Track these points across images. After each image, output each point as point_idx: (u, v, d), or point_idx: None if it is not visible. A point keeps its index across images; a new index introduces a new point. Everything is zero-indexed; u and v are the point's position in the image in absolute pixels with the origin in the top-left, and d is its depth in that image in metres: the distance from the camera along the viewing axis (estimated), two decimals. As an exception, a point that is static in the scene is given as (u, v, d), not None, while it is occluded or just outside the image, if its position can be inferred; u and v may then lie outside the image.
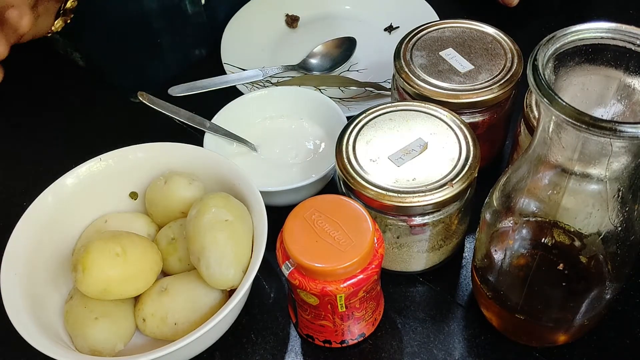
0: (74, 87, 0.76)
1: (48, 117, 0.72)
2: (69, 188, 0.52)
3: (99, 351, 0.46)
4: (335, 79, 0.71)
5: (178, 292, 0.48)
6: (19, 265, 0.48)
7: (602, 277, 0.43)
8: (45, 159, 0.67)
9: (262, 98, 0.64)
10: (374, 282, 0.45)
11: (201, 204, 0.49)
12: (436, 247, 0.51)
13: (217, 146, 0.60)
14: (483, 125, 0.55)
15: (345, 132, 0.51)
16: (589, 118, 0.32)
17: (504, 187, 0.43)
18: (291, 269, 0.43)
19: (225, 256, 0.46)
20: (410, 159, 0.48)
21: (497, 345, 0.50)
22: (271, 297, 0.54)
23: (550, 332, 0.47)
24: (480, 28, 0.59)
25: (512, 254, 0.45)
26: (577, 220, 0.41)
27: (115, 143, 0.55)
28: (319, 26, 0.80)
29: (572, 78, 0.38)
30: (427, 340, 0.50)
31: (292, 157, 0.61)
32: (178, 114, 0.61)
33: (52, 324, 0.48)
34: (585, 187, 0.37)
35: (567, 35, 0.36)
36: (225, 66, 0.72)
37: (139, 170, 0.55)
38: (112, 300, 0.48)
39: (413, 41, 0.58)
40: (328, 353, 0.50)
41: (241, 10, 0.79)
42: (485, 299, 0.48)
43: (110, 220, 0.54)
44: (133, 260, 0.46)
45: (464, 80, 0.54)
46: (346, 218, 0.43)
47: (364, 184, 0.47)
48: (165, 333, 0.48)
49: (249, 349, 0.51)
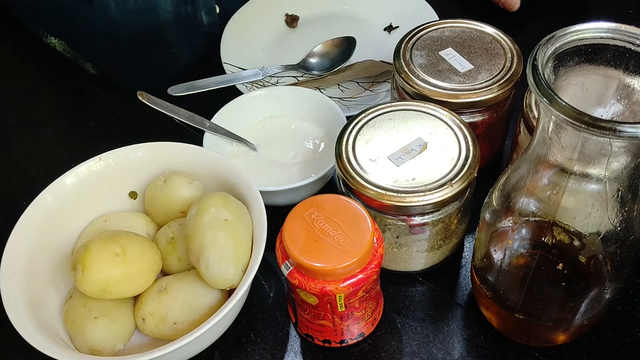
0: (74, 87, 0.76)
1: (48, 117, 0.72)
2: (69, 187, 0.52)
3: (99, 351, 0.46)
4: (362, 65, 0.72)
5: (177, 291, 0.48)
6: (19, 264, 0.48)
7: (602, 277, 0.43)
8: (45, 158, 0.67)
9: (262, 98, 0.64)
10: (373, 282, 0.45)
11: (201, 203, 0.48)
12: (436, 246, 0.51)
13: (216, 146, 0.60)
14: (482, 125, 0.55)
15: (344, 132, 0.51)
16: (588, 118, 0.32)
17: (504, 187, 0.43)
18: (291, 269, 0.43)
19: (225, 256, 0.46)
20: (410, 158, 0.48)
21: (496, 344, 0.50)
22: (270, 297, 0.54)
23: (549, 332, 0.47)
24: (479, 28, 0.59)
25: (512, 254, 0.45)
26: (576, 220, 0.41)
27: (115, 142, 0.55)
28: (319, 26, 0.80)
29: (572, 78, 0.38)
30: (426, 339, 0.50)
31: (291, 156, 0.61)
32: (178, 113, 0.61)
33: (52, 324, 0.48)
34: (585, 187, 0.37)
35: (566, 35, 0.36)
36: (225, 66, 0.72)
37: (139, 170, 0.55)
38: (111, 299, 0.48)
39: (413, 41, 0.58)
40: (327, 353, 0.50)
41: (241, 9, 0.79)
42: (484, 299, 0.48)
43: (110, 220, 0.54)
44: (132, 260, 0.46)
45: (464, 80, 0.54)
46: (346, 218, 0.43)
47: (363, 183, 0.47)
48: (165, 332, 0.48)
49: (248, 348, 0.51)
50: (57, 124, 0.71)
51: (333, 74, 0.72)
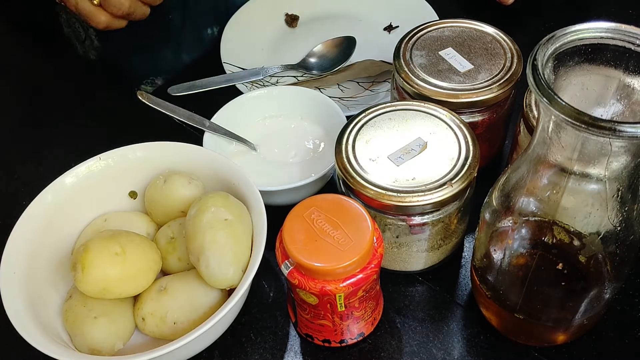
0: (74, 86, 0.76)
1: (47, 116, 0.72)
2: (69, 187, 0.52)
3: (98, 350, 0.46)
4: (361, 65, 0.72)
5: (177, 291, 0.48)
6: (19, 264, 0.48)
7: (601, 277, 0.43)
8: (45, 158, 0.67)
9: (262, 97, 0.64)
10: (373, 282, 0.45)
11: (200, 203, 0.48)
12: (435, 246, 0.51)
13: (216, 145, 0.60)
14: (482, 125, 0.55)
15: (344, 132, 0.51)
16: (588, 118, 0.32)
17: (504, 187, 0.43)
18: (290, 268, 0.43)
19: (225, 255, 0.46)
20: (410, 158, 0.48)
21: (496, 344, 0.50)
22: (270, 297, 0.54)
23: (549, 332, 0.47)
24: (479, 28, 0.59)
25: (512, 254, 0.45)
26: (576, 219, 0.41)
27: (115, 142, 0.55)
28: (319, 25, 0.80)
29: (572, 78, 0.38)
30: (426, 339, 0.50)
31: (291, 156, 0.61)
32: (177, 113, 0.61)
33: (52, 323, 0.48)
34: (585, 186, 0.37)
35: (566, 35, 0.36)
36: (224, 65, 0.72)
37: (139, 170, 0.55)
38: (111, 299, 0.48)
39: (413, 41, 0.58)
40: (327, 352, 0.50)
41: (241, 9, 0.79)
42: (484, 299, 0.48)
43: (110, 220, 0.54)
44: (132, 260, 0.46)
45: (464, 80, 0.54)
46: (345, 217, 0.43)
47: (363, 183, 0.47)
48: (165, 332, 0.48)
49: (248, 348, 0.51)
50: (57, 123, 0.71)
51: (333, 73, 0.72)
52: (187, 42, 0.75)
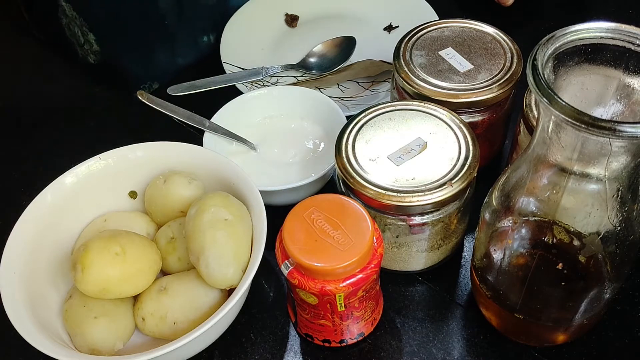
0: (74, 86, 0.76)
1: (47, 116, 0.72)
2: (68, 187, 0.52)
3: (98, 350, 0.46)
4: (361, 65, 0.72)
5: (177, 291, 0.48)
6: (18, 264, 0.48)
7: (601, 277, 0.43)
8: (45, 158, 0.67)
9: (262, 97, 0.64)
10: (373, 282, 0.45)
11: (200, 203, 0.48)
12: (435, 246, 0.51)
13: (216, 145, 0.60)
14: (482, 125, 0.55)
15: (344, 132, 0.51)
16: (588, 118, 0.32)
17: (503, 187, 0.43)
18: (290, 268, 0.43)
19: (225, 255, 0.46)
20: (410, 158, 0.48)
21: (496, 344, 0.50)
22: (270, 297, 0.54)
23: (549, 332, 0.47)
24: (479, 28, 0.59)
25: (512, 254, 0.45)
26: (576, 219, 0.41)
27: (115, 142, 0.55)
28: (319, 25, 0.80)
29: (572, 78, 0.38)
30: (426, 339, 0.50)
31: (291, 156, 0.61)
32: (177, 113, 0.61)
33: (52, 323, 0.48)
34: (585, 186, 0.37)
35: (566, 35, 0.36)
36: (224, 65, 0.72)
37: (139, 170, 0.55)
38: (111, 299, 0.48)
39: (412, 41, 0.58)
40: (327, 352, 0.50)
41: (241, 9, 0.79)
42: (484, 299, 0.48)
43: (110, 220, 0.54)
44: (132, 260, 0.46)
45: (464, 80, 0.54)
46: (345, 217, 0.43)
47: (363, 183, 0.47)
48: (165, 332, 0.48)
49: (248, 348, 0.51)
50: (57, 123, 0.71)
51: (333, 73, 0.72)
52: (185, 46, 0.75)
